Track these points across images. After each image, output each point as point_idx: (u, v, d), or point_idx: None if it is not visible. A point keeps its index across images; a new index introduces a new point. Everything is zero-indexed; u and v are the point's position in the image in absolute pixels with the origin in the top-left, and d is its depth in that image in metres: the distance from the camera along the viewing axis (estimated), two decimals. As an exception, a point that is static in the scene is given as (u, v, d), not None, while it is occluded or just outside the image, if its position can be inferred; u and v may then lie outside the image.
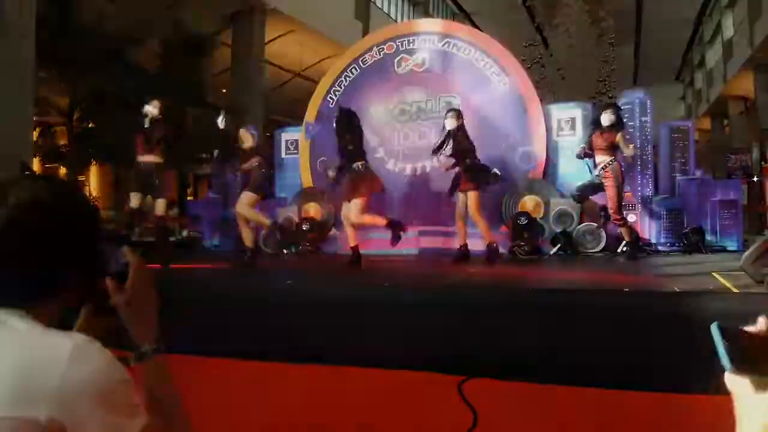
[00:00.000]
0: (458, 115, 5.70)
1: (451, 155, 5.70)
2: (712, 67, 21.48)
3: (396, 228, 5.36)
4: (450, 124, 5.65)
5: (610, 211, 5.68)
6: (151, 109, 5.59)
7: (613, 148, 5.61)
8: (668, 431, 2.53)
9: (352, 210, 5.35)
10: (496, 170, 5.80)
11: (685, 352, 2.92)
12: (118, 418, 0.87)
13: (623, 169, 5.70)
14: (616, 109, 5.84)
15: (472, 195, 5.55)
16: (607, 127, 5.66)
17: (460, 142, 5.62)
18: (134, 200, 5.70)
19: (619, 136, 5.59)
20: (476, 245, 6.09)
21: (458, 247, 5.82)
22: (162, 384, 1.07)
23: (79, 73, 10.84)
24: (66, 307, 1.01)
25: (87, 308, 1.09)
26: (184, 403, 1.10)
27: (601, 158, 5.67)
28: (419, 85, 7.80)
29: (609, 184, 5.58)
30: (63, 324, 0.97)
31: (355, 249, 5.44)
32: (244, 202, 5.65)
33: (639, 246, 6.05)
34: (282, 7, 13.35)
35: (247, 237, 5.73)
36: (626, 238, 5.85)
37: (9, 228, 0.88)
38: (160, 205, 5.70)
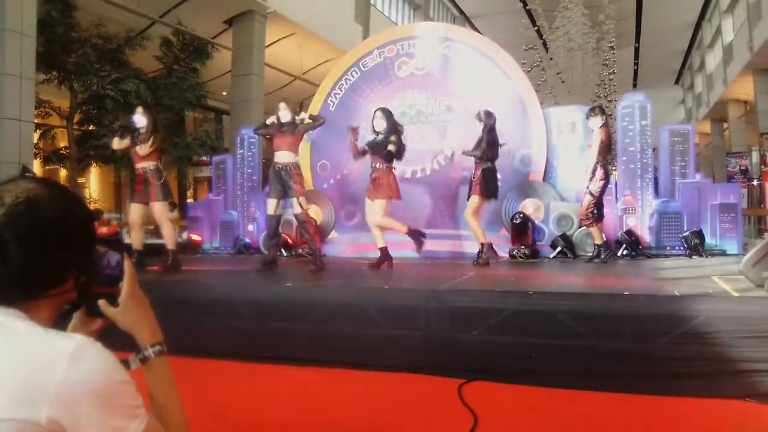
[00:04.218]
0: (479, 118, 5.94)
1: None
2: (711, 70, 21.51)
3: (417, 236, 5.63)
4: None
5: (581, 210, 5.93)
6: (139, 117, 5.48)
7: (600, 150, 5.80)
8: (668, 435, 2.53)
9: (375, 211, 5.50)
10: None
11: (685, 355, 2.92)
12: (117, 419, 0.87)
13: (608, 174, 5.91)
14: (599, 110, 6.01)
15: (474, 199, 5.85)
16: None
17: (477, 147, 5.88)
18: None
19: (595, 133, 5.84)
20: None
21: (479, 250, 5.98)
22: (164, 385, 1.08)
23: (79, 77, 10.87)
24: (61, 307, 1.01)
25: (80, 309, 1.09)
26: (184, 404, 1.10)
27: (589, 158, 5.89)
28: (419, 88, 7.80)
29: (590, 187, 5.82)
30: (57, 325, 0.97)
31: (383, 251, 5.62)
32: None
33: (610, 249, 6.11)
34: (282, 10, 13.37)
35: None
36: (597, 240, 5.99)
37: (5, 227, 0.88)
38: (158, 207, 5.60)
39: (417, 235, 5.66)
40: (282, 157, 5.47)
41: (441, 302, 3.46)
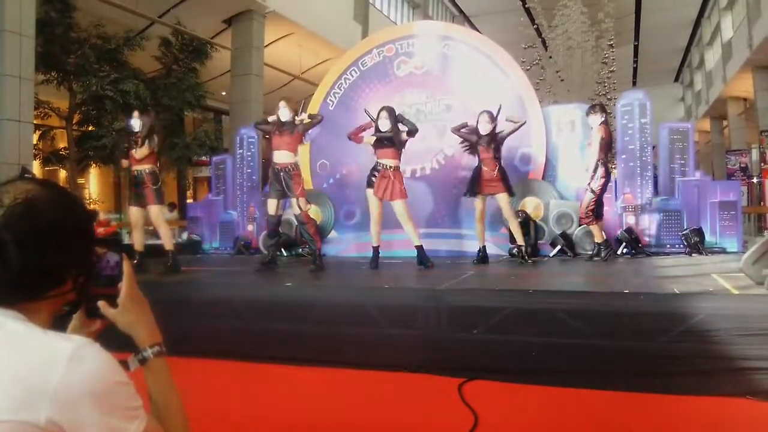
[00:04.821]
0: (492, 118, 5.89)
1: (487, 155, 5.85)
2: (711, 68, 21.50)
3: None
4: (485, 128, 5.84)
5: (581, 208, 5.93)
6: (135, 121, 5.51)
7: (600, 147, 5.80)
8: (668, 433, 2.53)
9: (401, 210, 5.52)
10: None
11: (685, 353, 2.92)
12: (117, 421, 0.87)
13: (609, 172, 5.95)
14: (599, 108, 6.05)
15: (505, 197, 5.82)
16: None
17: (497, 144, 5.86)
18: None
19: (594, 130, 5.84)
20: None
21: (478, 249, 6.07)
22: (163, 386, 1.08)
23: (78, 77, 10.86)
24: (60, 309, 1.01)
25: (80, 311, 1.09)
26: (185, 405, 1.10)
27: (590, 156, 5.90)
28: (419, 87, 7.79)
29: (591, 185, 5.82)
30: (56, 327, 0.97)
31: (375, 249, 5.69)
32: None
33: (610, 247, 6.12)
34: (281, 9, 13.35)
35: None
36: (597, 239, 6.01)
37: (4, 228, 0.88)
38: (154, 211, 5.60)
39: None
40: (281, 157, 5.46)
41: (441, 301, 3.46)
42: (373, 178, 5.54)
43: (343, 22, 15.95)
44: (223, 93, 15.41)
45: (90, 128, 12.15)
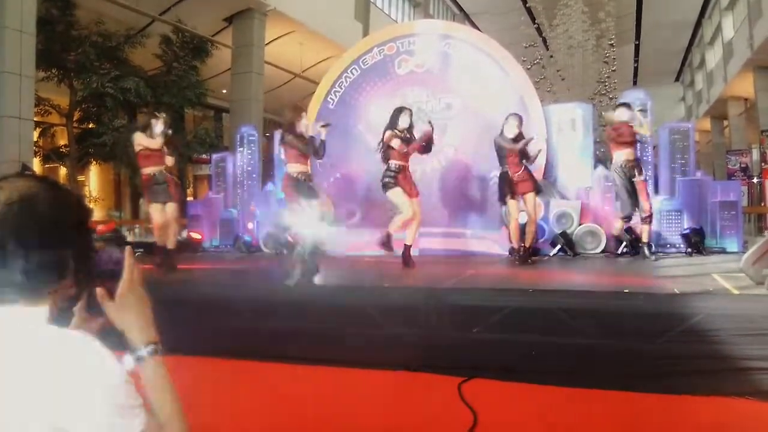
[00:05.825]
0: (521, 121, 5.82)
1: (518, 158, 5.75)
2: (712, 68, 21.48)
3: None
4: (513, 131, 5.73)
5: (646, 206, 5.76)
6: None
7: (633, 141, 5.82)
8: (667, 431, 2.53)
9: (418, 207, 5.57)
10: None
11: (685, 353, 2.91)
12: (117, 418, 0.87)
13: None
14: (628, 105, 6.04)
15: (533, 196, 5.76)
16: (624, 121, 5.84)
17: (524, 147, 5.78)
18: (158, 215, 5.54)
19: (640, 118, 5.79)
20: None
21: (519, 247, 5.80)
22: (160, 385, 1.07)
23: (79, 74, 10.87)
24: (61, 304, 1.01)
25: (81, 307, 1.08)
26: (183, 404, 1.09)
27: (623, 152, 5.80)
28: (419, 86, 7.78)
29: (641, 179, 5.77)
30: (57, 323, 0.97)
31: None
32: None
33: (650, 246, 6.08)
34: (282, 7, 13.35)
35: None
36: (644, 239, 5.92)
37: (3, 225, 0.88)
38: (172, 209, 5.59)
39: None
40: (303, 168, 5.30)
41: (441, 300, 3.46)
42: (400, 178, 5.47)
43: (344, 21, 15.95)
44: (224, 91, 15.42)
45: (90, 126, 12.16)
